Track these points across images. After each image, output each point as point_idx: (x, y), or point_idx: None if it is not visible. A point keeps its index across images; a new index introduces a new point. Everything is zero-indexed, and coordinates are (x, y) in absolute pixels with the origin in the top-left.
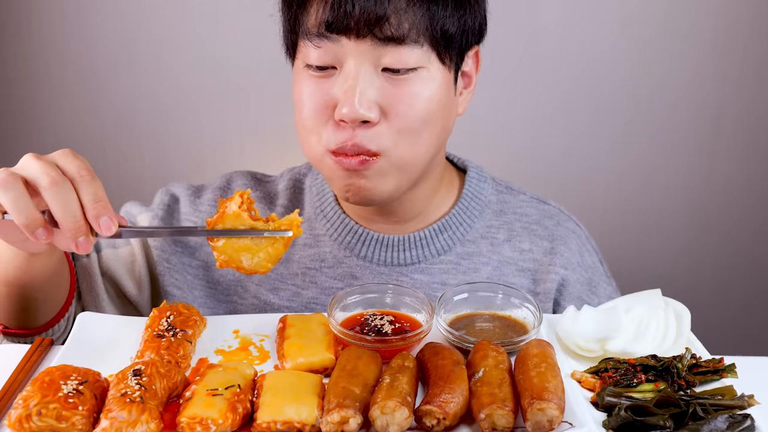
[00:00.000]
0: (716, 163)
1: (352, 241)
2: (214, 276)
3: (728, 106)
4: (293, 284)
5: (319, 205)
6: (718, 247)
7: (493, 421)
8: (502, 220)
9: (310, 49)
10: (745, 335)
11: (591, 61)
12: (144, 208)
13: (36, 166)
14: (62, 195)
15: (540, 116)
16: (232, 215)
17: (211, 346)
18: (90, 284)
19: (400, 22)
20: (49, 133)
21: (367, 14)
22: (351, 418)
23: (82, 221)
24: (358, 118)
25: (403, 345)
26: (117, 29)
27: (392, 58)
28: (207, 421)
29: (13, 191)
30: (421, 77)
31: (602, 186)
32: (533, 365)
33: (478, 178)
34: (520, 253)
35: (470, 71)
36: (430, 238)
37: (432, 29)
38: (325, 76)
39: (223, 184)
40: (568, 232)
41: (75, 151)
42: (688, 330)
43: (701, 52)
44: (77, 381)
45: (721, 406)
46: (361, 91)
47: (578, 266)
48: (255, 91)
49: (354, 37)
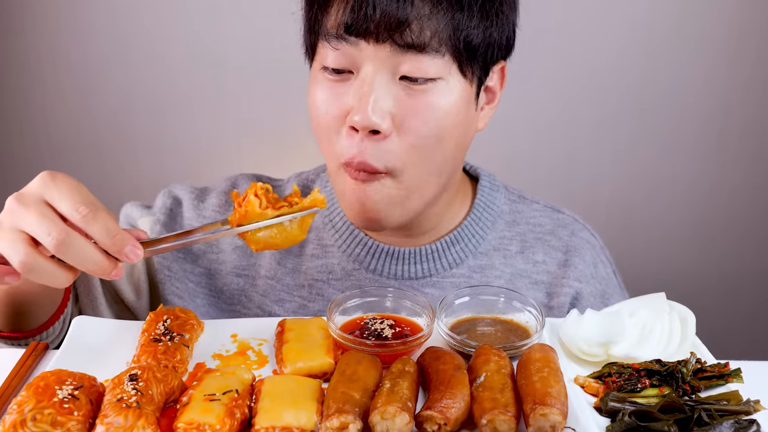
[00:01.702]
0: (723, 171)
1: (361, 254)
2: (217, 284)
3: (734, 113)
4: (299, 296)
5: (327, 214)
6: (725, 255)
7: (494, 427)
8: (515, 231)
9: (328, 51)
10: (751, 340)
11: (596, 67)
12: (145, 211)
13: (33, 223)
14: (74, 251)
15: (544, 121)
16: (255, 212)
17: (208, 351)
18: (88, 288)
19: (422, 28)
20: (42, 131)
21: (388, 18)
22: (351, 423)
23: (105, 262)
24: (369, 126)
25: (403, 349)
26: (110, 26)
27: (411, 66)
28: (204, 426)
29: (21, 255)
30: (439, 88)
31: (607, 192)
32: (536, 370)
33: (491, 187)
34: (533, 265)
35: (494, 87)
36: (441, 251)
37: (455, 39)
38: (341, 81)
39: (227, 188)
40: (583, 243)
41: (52, 173)
42: (692, 334)
43: (708, 59)
44: (72, 386)
45: (727, 411)
46: (376, 99)
47: (592, 278)
48: (252, 91)
49: (373, 42)
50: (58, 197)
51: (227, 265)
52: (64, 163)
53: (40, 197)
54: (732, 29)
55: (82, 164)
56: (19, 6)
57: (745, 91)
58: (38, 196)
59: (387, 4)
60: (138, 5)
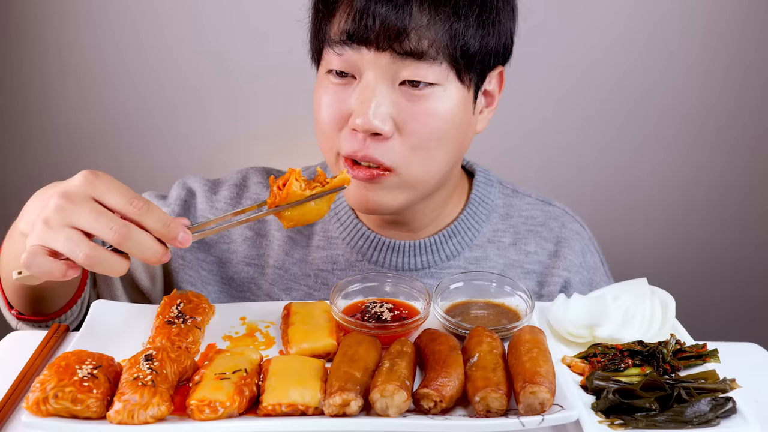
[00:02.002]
0: (701, 166)
1: (364, 246)
2: (228, 273)
3: (713, 111)
4: (305, 285)
5: (333, 208)
6: (703, 244)
7: (487, 404)
8: (509, 224)
9: (332, 56)
10: (727, 322)
11: (582, 68)
12: (160, 201)
13: (89, 219)
14: (134, 241)
15: (533, 120)
16: (295, 193)
17: (219, 333)
18: (105, 275)
19: (420, 38)
20: (62, 129)
21: (387, 28)
22: (352, 401)
23: (160, 249)
24: (371, 129)
25: (401, 331)
26: (121, 23)
27: (410, 72)
28: (215, 403)
29: (86, 249)
30: (437, 94)
31: (590, 185)
32: (525, 350)
33: (485, 182)
34: (525, 255)
35: (493, 91)
36: (439, 244)
37: (452, 48)
38: (345, 84)
39: (239, 181)
40: (572, 234)
41: (93, 171)
42: (672, 317)
43: (688, 61)
44: (92, 366)
45: (704, 389)
46: (377, 104)
47: (581, 267)
48: (260, 88)
49: (374, 49)
50: (108, 193)
51: (238, 255)
52: (84, 158)
53: (88, 194)
54: (711, 32)
55: (99, 159)
56: (39, 9)
57: (722, 90)
58: (86, 194)
59: (386, 14)
60: (154, 9)
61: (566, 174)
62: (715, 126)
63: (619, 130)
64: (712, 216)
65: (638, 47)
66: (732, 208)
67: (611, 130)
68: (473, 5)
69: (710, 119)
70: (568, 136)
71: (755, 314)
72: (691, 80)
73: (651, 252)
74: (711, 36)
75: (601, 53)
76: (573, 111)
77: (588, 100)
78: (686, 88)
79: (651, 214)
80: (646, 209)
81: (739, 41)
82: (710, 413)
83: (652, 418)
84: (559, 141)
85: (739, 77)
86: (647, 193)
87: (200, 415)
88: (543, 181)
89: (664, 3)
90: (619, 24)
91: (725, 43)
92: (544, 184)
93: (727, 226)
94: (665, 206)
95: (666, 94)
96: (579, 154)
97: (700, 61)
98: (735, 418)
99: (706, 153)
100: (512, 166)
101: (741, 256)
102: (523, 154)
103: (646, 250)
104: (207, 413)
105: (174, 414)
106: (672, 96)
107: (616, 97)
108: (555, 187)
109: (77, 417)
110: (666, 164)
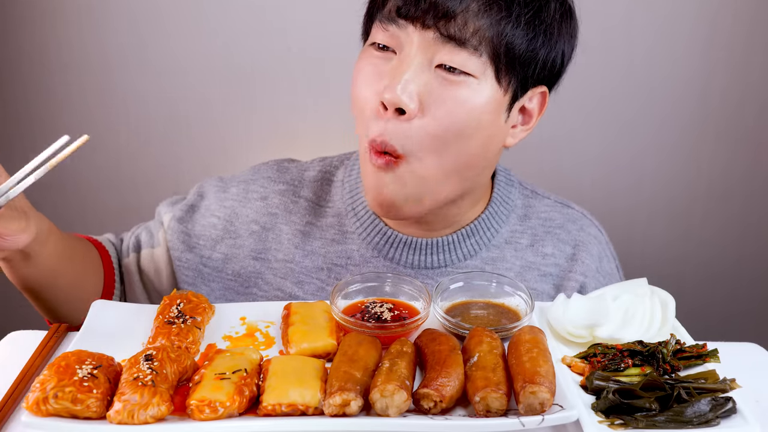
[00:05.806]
0: (702, 162)
1: (380, 243)
2: (234, 268)
3: (714, 113)
4: (318, 278)
5: (351, 202)
6: (703, 243)
7: (487, 404)
8: (527, 225)
9: (379, 31)
10: (727, 322)
11: (586, 71)
12: (170, 208)
13: None
14: None
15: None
16: None
17: (219, 333)
18: (130, 282)
19: (466, 23)
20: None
21: (436, 7)
22: (352, 400)
23: None
24: (396, 103)
25: (401, 331)
26: (121, 23)
27: (449, 56)
28: (215, 403)
29: None
30: (470, 86)
31: (589, 184)
32: (525, 350)
33: (506, 182)
34: (542, 257)
35: (533, 110)
36: (457, 243)
37: (496, 42)
38: (384, 58)
39: (249, 176)
40: (590, 238)
41: None
42: (672, 317)
43: (690, 64)
44: (92, 365)
45: (704, 389)
46: (408, 80)
47: (597, 273)
48: (261, 87)
49: (420, 26)
50: None
51: (244, 249)
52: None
53: None
54: (713, 37)
55: (99, 159)
56: (41, 6)
57: (723, 93)
58: None
59: None
60: (154, 9)
61: (566, 174)
62: (716, 125)
63: (620, 130)
64: (713, 215)
65: (639, 47)
66: (733, 208)
67: (612, 130)
68: (529, 7)
69: (711, 123)
70: (568, 136)
71: (756, 313)
72: (692, 79)
73: (651, 250)
74: (714, 42)
75: (601, 53)
76: (573, 110)
77: (588, 100)
78: (688, 87)
79: (651, 213)
80: (646, 209)
81: (743, 41)
82: (710, 413)
83: (652, 418)
84: (559, 140)
85: (740, 77)
86: (648, 193)
87: (200, 415)
88: (543, 181)
89: (666, 3)
90: (619, 24)
91: (725, 49)
92: (545, 184)
93: (728, 226)
94: (666, 205)
95: (667, 93)
96: (579, 154)
97: (702, 66)
98: (735, 418)
99: (707, 152)
100: (512, 166)
101: (741, 255)
102: (522, 153)
103: (646, 248)
104: (207, 413)
105: (174, 414)
106: (673, 95)
107: (616, 97)
108: (555, 187)
109: (77, 417)
110: (667, 163)
